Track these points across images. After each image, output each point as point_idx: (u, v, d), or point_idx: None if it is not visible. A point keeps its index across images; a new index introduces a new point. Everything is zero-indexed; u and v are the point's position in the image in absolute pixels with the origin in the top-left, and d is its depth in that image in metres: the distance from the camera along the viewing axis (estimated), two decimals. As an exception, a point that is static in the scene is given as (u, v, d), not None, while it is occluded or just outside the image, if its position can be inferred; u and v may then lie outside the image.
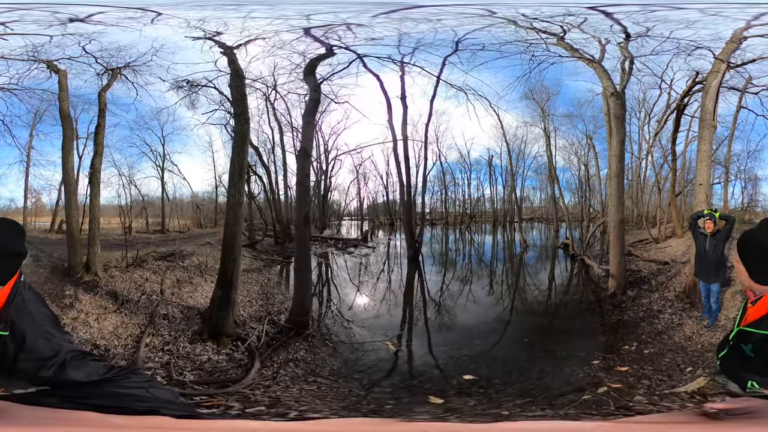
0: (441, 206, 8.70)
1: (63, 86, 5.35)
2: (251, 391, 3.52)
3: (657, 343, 4.63)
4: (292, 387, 3.81)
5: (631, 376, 3.95)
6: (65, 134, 5.36)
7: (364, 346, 4.83)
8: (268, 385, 3.74)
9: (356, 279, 7.12)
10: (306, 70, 5.42)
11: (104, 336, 4.36)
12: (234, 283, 4.74)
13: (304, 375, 4.11)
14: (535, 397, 3.66)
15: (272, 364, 4.15)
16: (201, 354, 4.18)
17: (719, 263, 4.69)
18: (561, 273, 7.71)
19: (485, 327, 5.60)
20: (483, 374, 4.08)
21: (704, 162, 5.42)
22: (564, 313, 6.38)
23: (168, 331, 4.53)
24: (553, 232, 8.35)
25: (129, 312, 4.77)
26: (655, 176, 7.73)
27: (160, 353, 4.16)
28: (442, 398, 3.55)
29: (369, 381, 4.11)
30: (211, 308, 4.74)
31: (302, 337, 4.76)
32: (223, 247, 4.89)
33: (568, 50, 5.61)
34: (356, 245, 8.12)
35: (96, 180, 5.47)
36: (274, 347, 4.46)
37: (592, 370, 4.15)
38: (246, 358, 4.18)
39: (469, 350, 4.80)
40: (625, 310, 5.51)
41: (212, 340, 4.38)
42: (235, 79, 5.02)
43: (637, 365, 4.19)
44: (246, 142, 5.13)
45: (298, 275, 5.49)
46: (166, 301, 4.99)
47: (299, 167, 5.44)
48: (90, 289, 5.05)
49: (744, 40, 5.08)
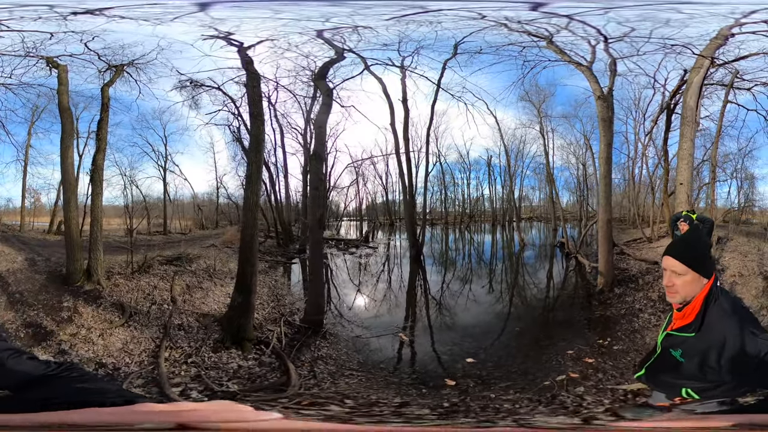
0: (440, 206, 8.87)
1: (63, 80, 5.19)
2: (306, 391, 3.64)
3: (627, 341, 4.87)
4: (337, 383, 3.96)
5: (591, 368, 4.30)
6: (64, 129, 5.17)
7: (380, 339, 5.11)
8: (316, 384, 3.90)
9: (360, 279, 7.28)
10: (317, 74, 5.51)
11: (111, 354, 4.08)
12: (253, 288, 4.77)
13: (339, 370, 4.30)
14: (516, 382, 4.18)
15: (303, 364, 4.24)
16: (229, 362, 4.17)
17: None
18: (556, 270, 8.02)
19: (483, 320, 5.96)
20: (480, 358, 4.69)
21: (685, 160, 5.43)
22: (555, 307, 6.79)
23: (187, 342, 4.40)
24: (551, 231, 8.66)
25: (139, 325, 4.54)
26: (649, 176, 7.91)
27: (184, 366, 4.04)
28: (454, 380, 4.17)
29: (395, 368, 4.58)
30: (231, 314, 4.74)
31: (319, 335, 4.89)
32: (240, 251, 4.90)
33: (557, 53, 5.77)
34: (357, 246, 8.22)
35: (98, 178, 5.27)
36: (297, 347, 4.53)
37: (564, 359, 4.56)
38: (276, 361, 4.23)
39: (469, 340, 5.25)
40: (609, 307, 5.77)
41: (235, 346, 4.38)
42: (252, 79, 5.00)
43: (602, 359, 4.49)
44: (262, 144, 5.15)
45: (313, 276, 5.59)
46: (179, 310, 4.87)
47: (313, 171, 5.55)
48: (92, 299, 4.76)
49: (731, 37, 5.09)
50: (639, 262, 6.93)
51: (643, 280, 6.25)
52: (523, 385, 4.09)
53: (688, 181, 5.51)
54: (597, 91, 5.95)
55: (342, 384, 3.95)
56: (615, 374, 4.18)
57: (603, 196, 6.27)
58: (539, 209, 9.09)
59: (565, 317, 6.19)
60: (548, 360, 4.59)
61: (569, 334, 5.23)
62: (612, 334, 5.03)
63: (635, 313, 5.44)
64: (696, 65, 5.24)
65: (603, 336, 5.06)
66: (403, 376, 4.41)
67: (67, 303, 4.63)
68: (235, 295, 4.79)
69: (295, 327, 4.97)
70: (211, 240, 6.39)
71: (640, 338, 4.90)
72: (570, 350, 4.67)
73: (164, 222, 6.38)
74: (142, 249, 5.64)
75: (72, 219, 5.16)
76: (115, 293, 4.99)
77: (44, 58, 4.98)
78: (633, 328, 5.12)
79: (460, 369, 4.51)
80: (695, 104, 5.30)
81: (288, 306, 5.62)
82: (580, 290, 7.02)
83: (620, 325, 5.24)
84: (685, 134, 5.39)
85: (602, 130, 6.07)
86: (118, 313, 4.70)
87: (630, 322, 5.25)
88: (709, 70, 5.30)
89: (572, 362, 4.47)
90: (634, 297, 5.84)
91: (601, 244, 6.26)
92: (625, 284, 6.24)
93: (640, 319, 5.29)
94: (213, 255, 6.00)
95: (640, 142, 7.71)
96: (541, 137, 7.76)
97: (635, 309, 5.54)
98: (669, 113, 6.58)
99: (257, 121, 5.02)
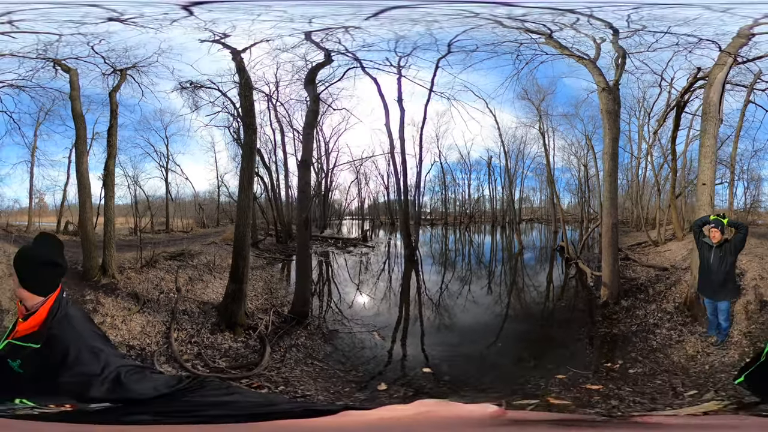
0: (441, 206, 9.07)
1: (75, 85, 5.37)
2: (269, 372, 4.20)
3: (648, 362, 4.29)
4: (296, 369, 4.48)
5: (597, 395, 3.69)
6: (78, 135, 5.44)
7: (355, 335, 5.46)
8: (278, 368, 4.42)
9: (355, 277, 7.65)
10: (306, 79, 5.91)
11: (135, 336, 4.65)
12: (244, 278, 5.39)
13: (304, 358, 4.76)
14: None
15: (279, 349, 4.83)
16: (222, 343, 4.82)
17: (727, 278, 4.17)
18: (555, 278, 7.69)
19: (465, 328, 5.82)
20: (442, 370, 4.46)
21: (708, 159, 4.99)
22: (549, 320, 6.30)
23: (190, 324, 5.05)
24: (551, 233, 8.62)
25: (152, 311, 5.15)
26: (655, 177, 7.63)
27: (189, 345, 4.68)
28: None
29: (351, 365, 4.70)
30: (225, 301, 5.38)
31: (303, 326, 5.44)
32: (234, 246, 5.53)
33: (558, 48, 5.62)
34: (356, 244, 8.71)
35: (110, 182, 5.72)
36: (280, 335, 5.12)
37: (549, 384, 3.95)
38: (258, 344, 4.85)
39: (440, 348, 5.19)
40: (616, 323, 5.20)
41: (228, 330, 5.02)
42: (245, 88, 5.54)
43: (614, 385, 3.87)
44: (254, 152, 5.72)
45: (299, 271, 6.17)
46: (183, 298, 5.54)
47: (300, 176, 6.05)
48: (110, 291, 5.34)
49: (752, 37, 4.93)
50: (646, 269, 6.43)
51: (654, 290, 5.67)
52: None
53: (711, 181, 5.01)
54: (601, 83, 5.63)
55: (297, 371, 4.35)
56: (643, 401, 3.54)
57: (607, 197, 5.77)
58: (540, 211, 9.06)
59: (560, 334, 5.59)
60: (526, 382, 4.01)
61: (560, 356, 4.64)
62: (625, 355, 4.49)
63: (650, 329, 4.88)
64: (719, 62, 5.04)
65: (610, 358, 4.55)
66: (355, 374, 4.47)
67: (90, 296, 5.17)
68: (230, 285, 5.44)
69: (283, 317, 5.56)
70: (211, 238, 7.03)
71: (665, 357, 4.34)
72: (560, 375, 4.07)
73: (167, 220, 6.96)
74: (148, 246, 6.27)
75: (87, 220, 5.65)
76: (129, 285, 5.61)
77: (54, 60, 5.16)
78: (651, 346, 4.58)
79: (412, 378, 4.33)
80: (718, 100, 5.00)
81: (279, 299, 6.22)
82: (580, 302, 6.50)
83: (633, 344, 4.71)
84: (708, 131, 4.99)
85: (607, 124, 5.72)
86: (134, 301, 5.32)
87: (645, 339, 4.72)
88: (731, 67, 5.06)
89: (560, 388, 3.87)
90: (646, 310, 5.27)
91: (605, 250, 5.75)
92: (633, 295, 5.64)
93: (658, 335, 4.74)
94: (213, 251, 6.67)
95: (645, 141, 7.58)
96: (542, 137, 7.72)
97: (649, 324, 4.99)
98: (679, 111, 6.35)
99: (250, 130, 5.59)
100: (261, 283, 6.55)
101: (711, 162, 5.01)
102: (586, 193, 8.30)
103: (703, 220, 4.36)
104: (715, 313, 4.35)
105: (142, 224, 6.68)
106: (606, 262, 5.77)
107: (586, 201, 8.32)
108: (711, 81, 5.08)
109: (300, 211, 6.05)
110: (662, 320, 5.00)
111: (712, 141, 5.01)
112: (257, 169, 6.59)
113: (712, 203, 5.02)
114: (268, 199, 7.87)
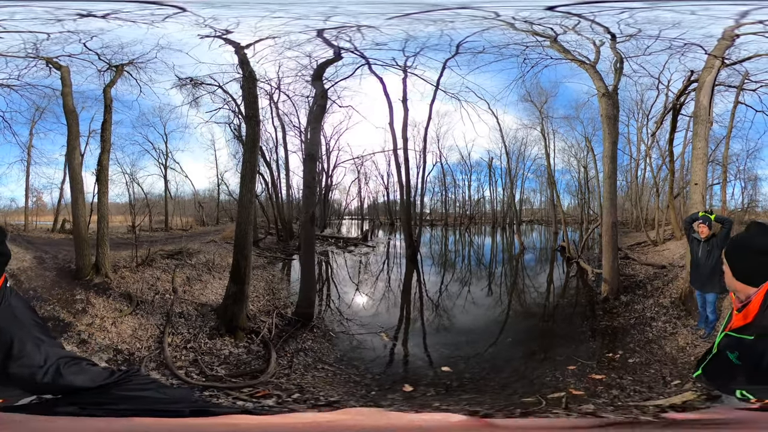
0: (441, 207, 9.06)
1: (66, 82, 5.38)
2: (278, 380, 3.98)
3: (644, 353, 4.60)
4: (306, 374, 4.30)
5: (601, 385, 3.98)
6: (70, 131, 5.44)
7: (363, 337, 5.37)
8: (287, 374, 4.22)
9: (355, 277, 7.57)
10: (314, 75, 5.84)
11: (124, 340, 4.47)
12: (246, 279, 5.20)
13: (314, 363, 4.61)
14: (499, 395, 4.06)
15: (285, 354, 4.63)
16: (222, 349, 4.59)
17: (714, 271, 4.38)
18: (556, 276, 7.89)
19: (473, 327, 5.94)
20: (459, 368, 4.56)
21: (700, 160, 5.31)
22: (554, 316, 6.55)
23: (186, 328, 4.84)
24: (551, 234, 8.72)
25: (145, 313, 4.97)
26: (653, 178, 7.87)
27: (184, 351, 4.44)
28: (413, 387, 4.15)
29: (366, 368, 4.66)
30: (225, 303, 5.18)
31: (308, 328, 5.28)
32: (235, 245, 5.33)
33: (561, 52, 5.82)
34: (356, 244, 8.59)
35: (104, 178, 5.62)
36: (284, 338, 4.93)
37: (564, 375, 4.25)
38: (262, 349, 4.64)
39: (455, 346, 5.22)
40: (616, 316, 5.54)
41: (229, 334, 4.80)
42: (248, 81, 5.38)
43: (615, 374, 4.18)
44: (257, 145, 5.55)
45: (304, 271, 5.97)
46: (180, 300, 5.33)
47: (306, 170, 5.91)
48: (102, 291, 5.19)
49: (737, 38, 5.15)
50: (645, 267, 6.77)
51: (652, 286, 6.05)
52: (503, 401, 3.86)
53: (702, 181, 5.36)
54: (601, 89, 5.92)
55: (309, 377, 4.21)
56: (642, 389, 3.87)
57: (607, 197, 6.10)
58: (540, 212, 9.19)
59: (565, 329, 5.86)
60: (541, 375, 4.29)
61: (569, 348, 4.92)
62: (624, 346, 4.80)
63: (647, 322, 5.21)
64: (707, 65, 5.30)
65: (611, 349, 4.84)
66: (371, 376, 4.42)
67: (80, 296, 5.02)
68: (230, 286, 5.24)
69: (287, 319, 5.36)
70: (210, 236, 6.84)
71: (659, 348, 4.65)
72: (571, 365, 4.35)
73: (165, 218, 6.82)
74: (145, 244, 6.11)
75: (80, 217, 5.53)
76: (122, 285, 5.45)
77: (45, 59, 5.14)
78: (647, 338, 4.90)
79: (433, 377, 4.39)
80: (708, 103, 5.30)
81: (282, 299, 6.03)
82: (582, 298, 6.83)
83: (631, 336, 5.02)
84: (699, 133, 5.31)
85: (607, 128, 6.02)
86: (126, 302, 5.15)
87: (642, 332, 5.04)
88: (719, 70, 5.32)
89: (574, 378, 4.16)
90: (644, 305, 5.63)
91: (605, 249, 6.09)
92: (631, 291, 6.03)
93: (654, 328, 5.07)
94: (212, 250, 6.46)
95: (644, 143, 7.79)
96: (543, 139, 7.85)
97: (646, 318, 5.31)
98: (675, 114, 6.59)
99: (252, 122, 5.42)
100: (262, 283, 6.37)
101: (702, 163, 5.33)
102: (586, 195, 8.51)
103: (693, 216, 4.68)
104: (704, 306, 4.66)
105: (140, 223, 6.54)
106: (606, 259, 6.10)
107: (586, 202, 8.53)
108: (701, 84, 5.34)
109: (306, 207, 5.87)
110: (658, 314, 5.33)
111: (703, 143, 5.32)
112: (258, 165, 6.45)
113: (704, 202, 5.33)
114: (269, 196, 7.77)
